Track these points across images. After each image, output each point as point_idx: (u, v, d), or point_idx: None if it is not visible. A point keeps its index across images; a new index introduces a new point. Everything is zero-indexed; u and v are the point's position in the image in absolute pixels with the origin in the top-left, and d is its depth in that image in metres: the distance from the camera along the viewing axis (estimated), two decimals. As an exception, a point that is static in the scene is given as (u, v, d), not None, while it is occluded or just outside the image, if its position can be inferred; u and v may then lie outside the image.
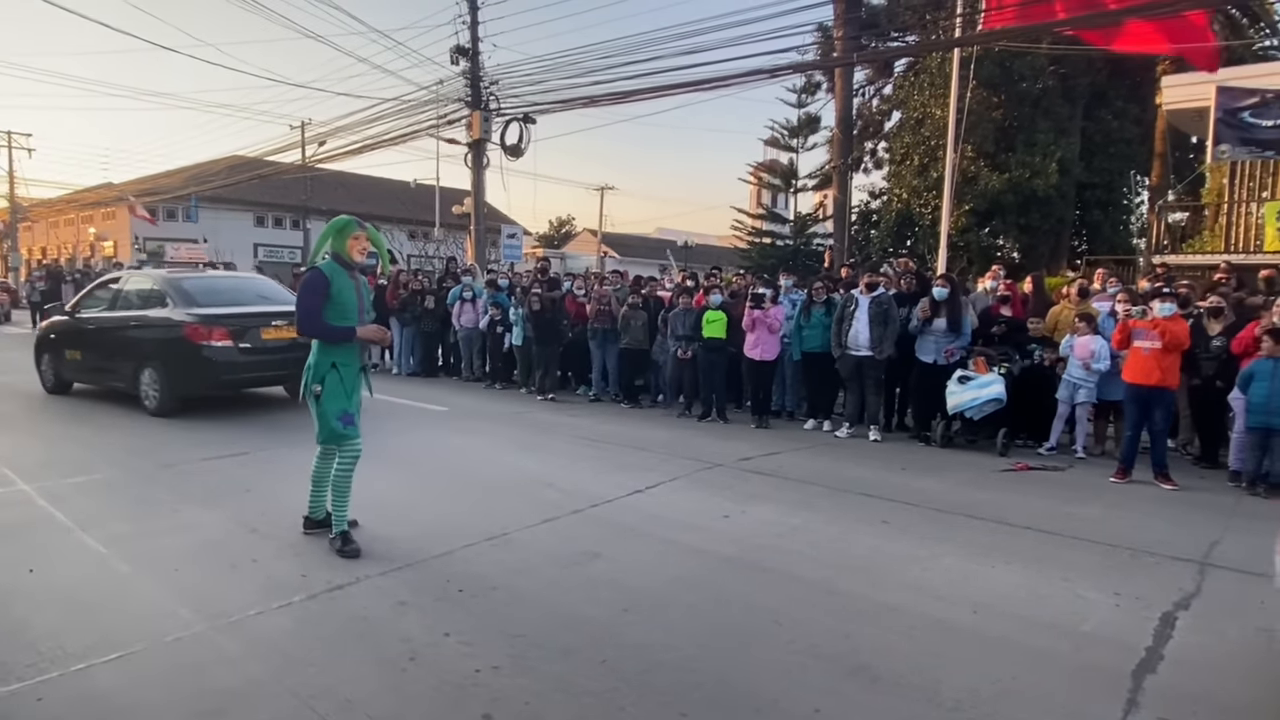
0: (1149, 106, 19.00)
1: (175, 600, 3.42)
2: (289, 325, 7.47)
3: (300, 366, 4.18)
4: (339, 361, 4.08)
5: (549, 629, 3.22)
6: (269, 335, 7.84)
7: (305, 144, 24.00)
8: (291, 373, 6.97)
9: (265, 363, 7.89)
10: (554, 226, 61.16)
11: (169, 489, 5.23)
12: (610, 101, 13.55)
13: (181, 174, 31.26)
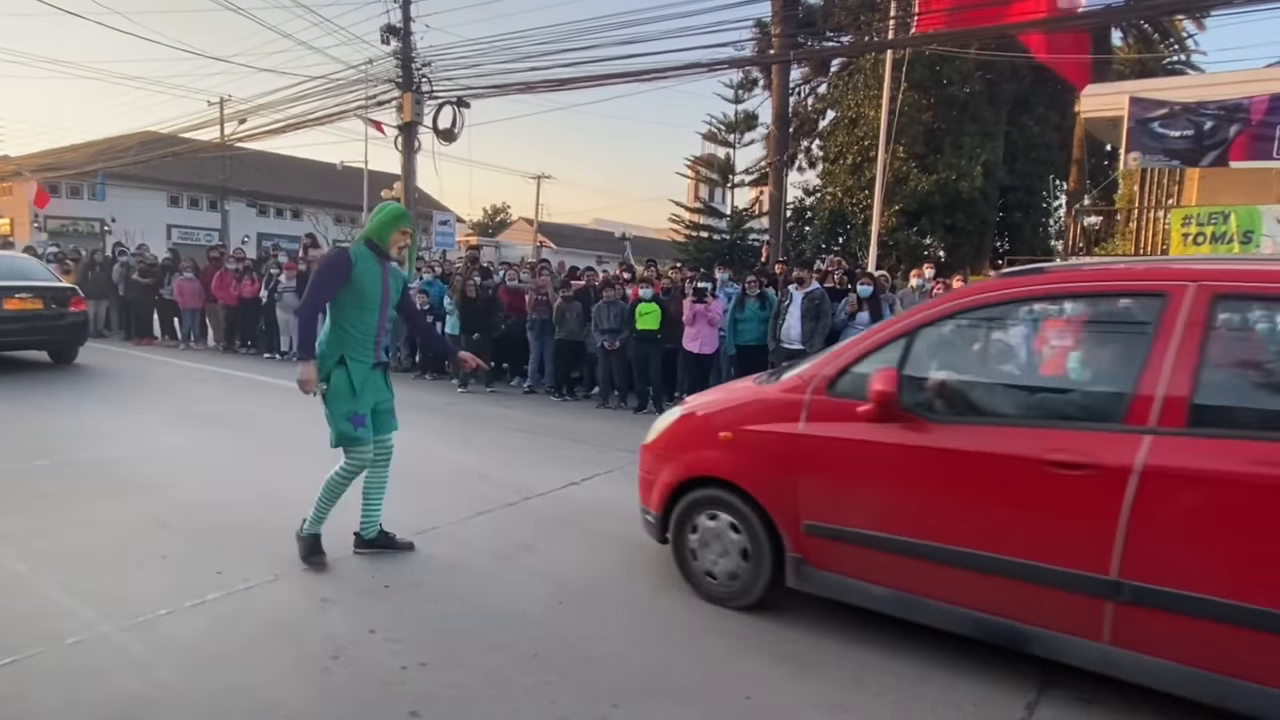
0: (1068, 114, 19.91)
1: (76, 600, 3.21)
2: (33, 298, 9.11)
3: (45, 334, 3.89)
4: (350, 355, 3.58)
5: (479, 624, 3.16)
6: (11, 306, 9.02)
7: (224, 121, 22.92)
8: (39, 339, 9.44)
9: (6, 330, 9.09)
10: (489, 214, 60.16)
11: (70, 484, 4.91)
12: (547, 88, 13.38)
13: (88, 149, 29.36)
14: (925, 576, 2.90)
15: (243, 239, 27.63)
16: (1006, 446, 2.70)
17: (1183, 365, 2.46)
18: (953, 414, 2.90)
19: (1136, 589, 2.46)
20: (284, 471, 5.34)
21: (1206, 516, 2.37)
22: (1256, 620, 2.28)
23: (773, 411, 3.27)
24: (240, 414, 7.44)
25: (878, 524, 2.98)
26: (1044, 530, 2.61)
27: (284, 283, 11.72)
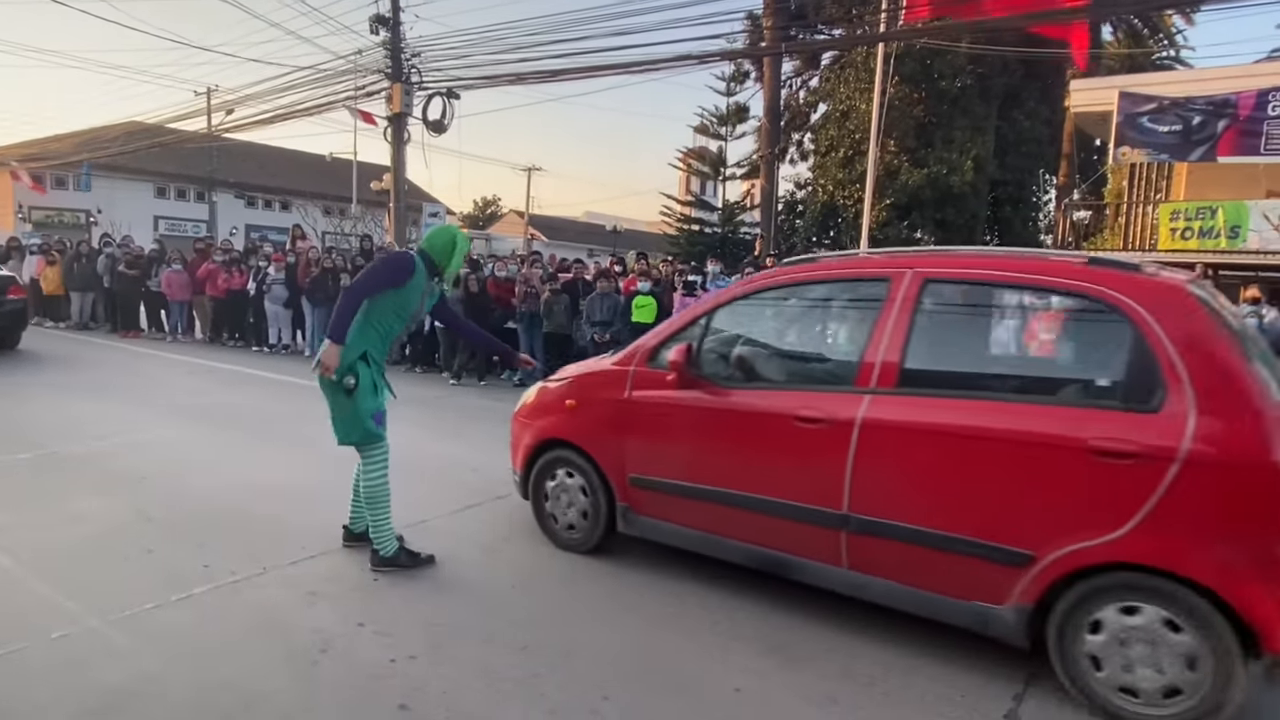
0: (1058, 108, 19.97)
1: (62, 594, 3.18)
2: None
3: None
4: (372, 353, 3.51)
5: (469, 616, 3.15)
6: None
7: (211, 111, 22.69)
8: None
9: None
10: (479, 207, 59.90)
11: (57, 477, 4.87)
12: (538, 80, 13.31)
13: (72, 139, 28.98)
14: (719, 517, 3.40)
15: (231, 230, 27.40)
16: (770, 406, 3.22)
17: (896, 337, 2.97)
18: (734, 380, 3.38)
19: (861, 520, 2.97)
20: (272, 465, 5.31)
21: (908, 460, 2.88)
22: (947, 544, 2.79)
23: (607, 382, 3.76)
24: (228, 407, 7.39)
25: (682, 474, 3.49)
26: (796, 474, 3.13)
27: (272, 275, 11.64)
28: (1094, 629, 2.58)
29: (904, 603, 2.98)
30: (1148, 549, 2.46)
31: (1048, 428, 2.63)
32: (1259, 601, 2.34)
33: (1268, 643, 2.34)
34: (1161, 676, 2.47)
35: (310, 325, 11.49)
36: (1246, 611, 2.34)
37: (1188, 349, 2.50)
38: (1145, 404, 2.51)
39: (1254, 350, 2.71)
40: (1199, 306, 2.63)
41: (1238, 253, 12.12)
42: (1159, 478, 2.43)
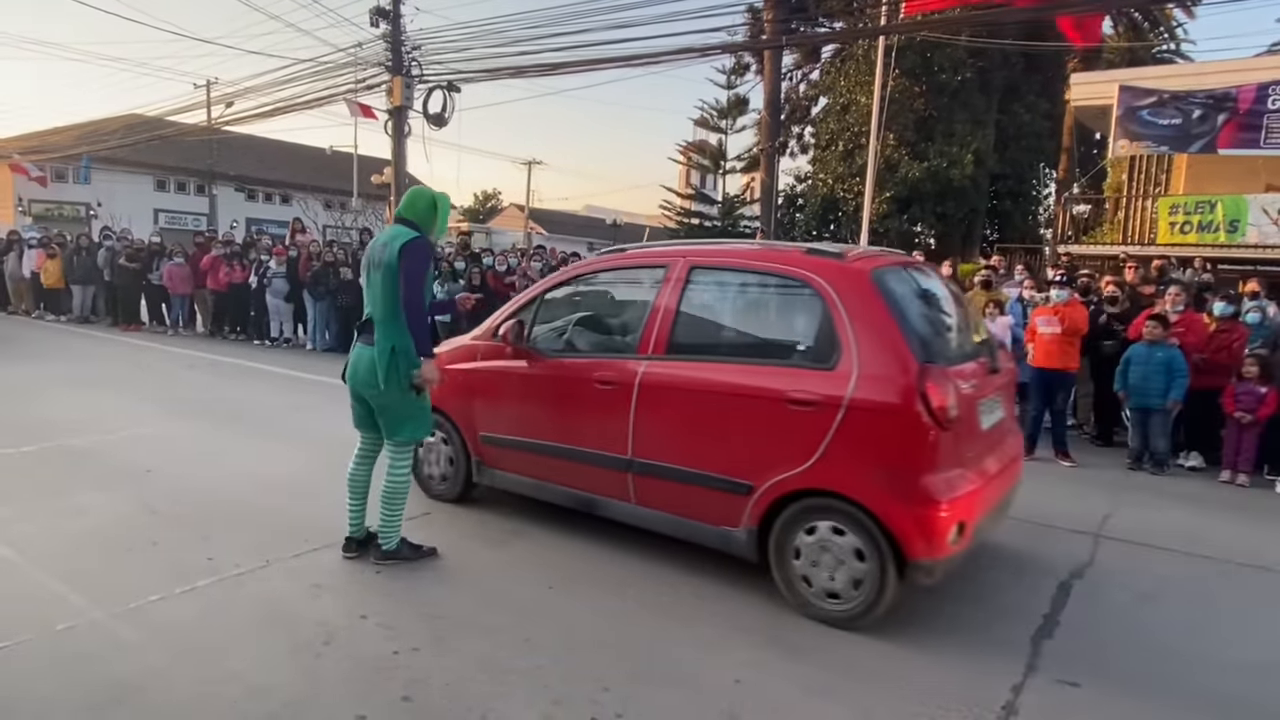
0: (1059, 102, 19.92)
1: (66, 587, 3.20)
2: None
3: None
4: (396, 345, 3.43)
5: (471, 608, 3.18)
6: None
7: (211, 104, 22.64)
8: None
9: None
10: (479, 200, 59.77)
11: (60, 469, 4.89)
12: (538, 73, 13.28)
13: (72, 132, 28.91)
14: (544, 466, 4.03)
15: (231, 224, 27.33)
16: (577, 372, 3.85)
17: (668, 314, 3.61)
18: (553, 351, 4.02)
19: (641, 464, 3.61)
20: (274, 458, 5.33)
21: (669, 412, 3.52)
22: (699, 479, 3.43)
23: (462, 356, 4.38)
24: (230, 400, 7.41)
25: (516, 431, 4.13)
26: (596, 428, 3.75)
27: (273, 268, 11.64)
28: (797, 552, 3.23)
29: (675, 530, 3.61)
30: (825, 477, 3.12)
31: (762, 383, 3.28)
32: (900, 516, 2.99)
33: (908, 550, 2.97)
34: (845, 579, 3.12)
35: (311, 318, 11.49)
36: (891, 524, 2.99)
37: (857, 319, 3.13)
38: (826, 363, 3.16)
39: (924, 322, 3.36)
40: (874, 286, 3.22)
41: (1237, 247, 12.12)
42: (830, 421, 3.08)
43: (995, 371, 3.66)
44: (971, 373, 3.36)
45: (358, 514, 3.64)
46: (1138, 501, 5.28)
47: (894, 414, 2.98)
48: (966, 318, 3.82)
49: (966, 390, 3.21)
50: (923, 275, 3.75)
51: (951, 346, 3.47)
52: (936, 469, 3.01)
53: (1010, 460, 3.67)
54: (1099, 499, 5.28)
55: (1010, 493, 3.71)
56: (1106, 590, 3.69)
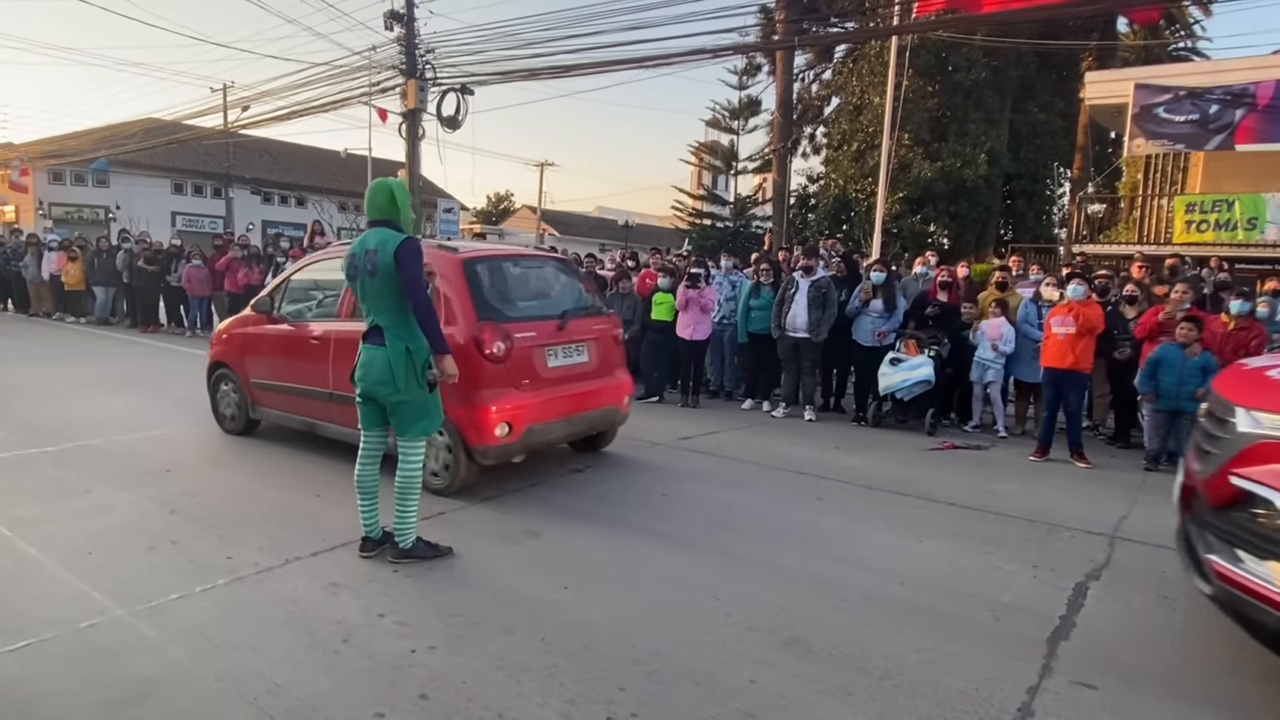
0: (1073, 101, 19.79)
1: (89, 585, 3.26)
2: None
3: None
4: (424, 342, 3.55)
5: (488, 608, 3.20)
6: None
7: (228, 108, 22.88)
8: None
9: None
10: (492, 202, 60.02)
11: (82, 469, 4.96)
12: (551, 75, 13.32)
13: (91, 136, 29.32)
14: (288, 402, 5.50)
15: (247, 226, 27.62)
16: (302, 332, 5.33)
17: (349, 290, 4.70)
18: (291, 318, 5.51)
19: (333, 394, 5.04)
20: (293, 457, 5.38)
21: (348, 357, 4.09)
22: (340, 399, 4.94)
23: (239, 322, 6.03)
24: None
25: (270, 377, 5.61)
26: (313, 372, 5.20)
27: (288, 270, 11.72)
28: None
29: (348, 437, 4.87)
30: None
31: None
32: (461, 417, 4.48)
33: (467, 440, 4.52)
34: (439, 463, 4.67)
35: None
36: (458, 423, 4.49)
37: (449, 292, 4.61)
38: (450, 324, 4.45)
39: (495, 295, 4.82)
40: (461, 271, 4.69)
41: (1255, 245, 11.98)
42: None
43: (563, 329, 5.02)
44: (534, 328, 4.84)
45: (370, 513, 3.67)
46: (1155, 502, 5.23)
47: (461, 351, 4.13)
48: (555, 292, 5.42)
49: (523, 339, 4.71)
50: (516, 264, 5.33)
51: (517, 311, 4.89)
52: (487, 387, 4.51)
53: (592, 391, 5.21)
54: (1116, 500, 5.24)
55: (592, 414, 5.27)
56: (1124, 592, 3.66)
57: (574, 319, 5.15)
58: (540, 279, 5.47)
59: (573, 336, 5.12)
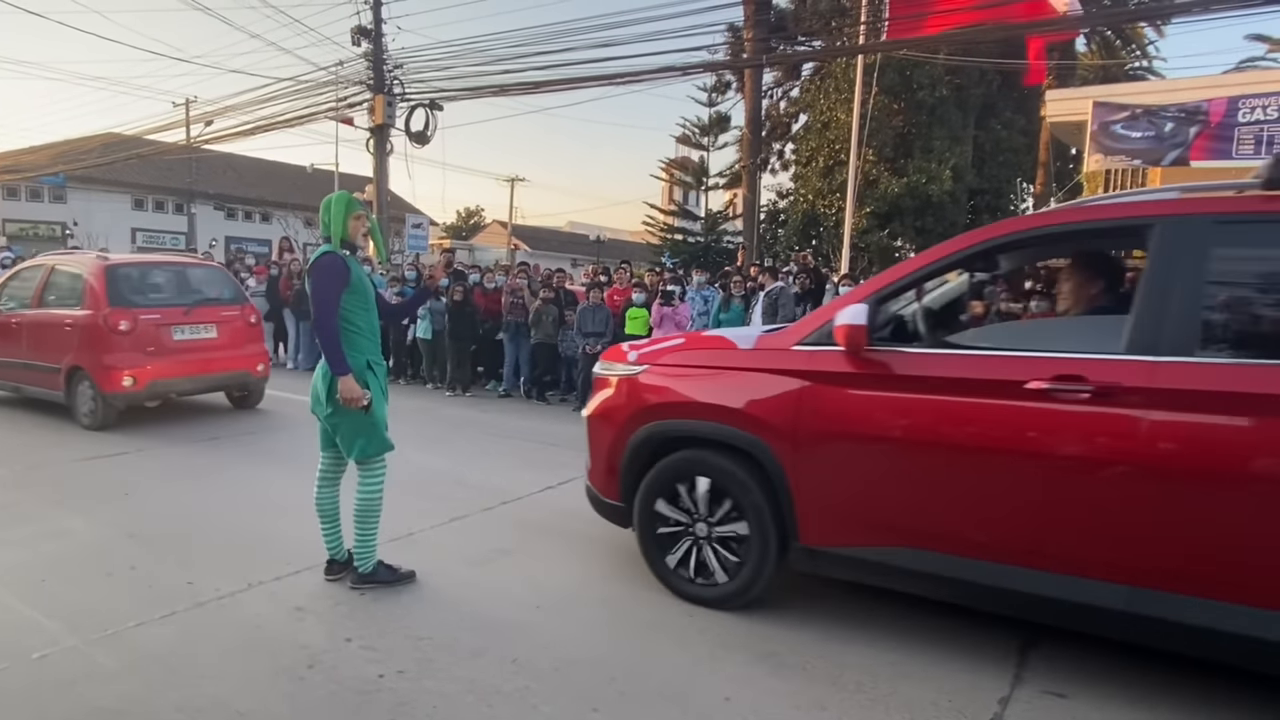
0: (1035, 118, 20.29)
1: (42, 613, 3.14)
2: None
3: None
4: (373, 360, 3.46)
5: (457, 630, 3.14)
6: None
7: (190, 123, 22.53)
8: None
9: None
10: (462, 217, 59.73)
11: (35, 493, 4.80)
12: (521, 91, 13.35)
13: (49, 151, 28.68)
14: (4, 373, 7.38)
15: (210, 242, 27.14)
16: (8, 319, 7.27)
17: (101, 286, 6.68)
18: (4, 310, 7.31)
19: (28, 364, 7.01)
20: (255, 479, 5.27)
21: (34, 335, 7.11)
22: (38, 369, 7.16)
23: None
24: (209, 421, 7.32)
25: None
26: (14, 348, 7.21)
27: (254, 287, 11.55)
28: None
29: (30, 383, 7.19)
30: (76, 360, 6.71)
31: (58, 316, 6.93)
32: (99, 374, 6.50)
33: (103, 389, 6.49)
34: (88, 407, 6.61)
35: (293, 338, 11.40)
36: (92, 375, 6.51)
37: (95, 287, 6.56)
38: (80, 305, 6.68)
39: (129, 288, 6.79)
40: (104, 271, 6.64)
41: None
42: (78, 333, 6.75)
43: (189, 314, 6.97)
44: (160, 313, 6.80)
45: (333, 536, 3.57)
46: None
47: (98, 328, 6.40)
48: (190, 288, 7.26)
49: (148, 319, 6.67)
50: (159, 269, 7.35)
51: (148, 300, 6.82)
52: (117, 352, 6.48)
53: (218, 359, 7.19)
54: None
55: (219, 375, 7.30)
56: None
57: (204, 307, 7.16)
58: (179, 279, 7.34)
59: (200, 319, 7.09)
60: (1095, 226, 2.99)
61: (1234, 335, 2.53)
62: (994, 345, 2.99)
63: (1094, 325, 3.06)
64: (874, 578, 3.10)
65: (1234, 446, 2.41)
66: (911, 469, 2.89)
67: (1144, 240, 2.72)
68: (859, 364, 2.98)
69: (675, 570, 3.48)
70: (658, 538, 3.50)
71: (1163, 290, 2.57)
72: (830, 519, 3.08)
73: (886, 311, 3.24)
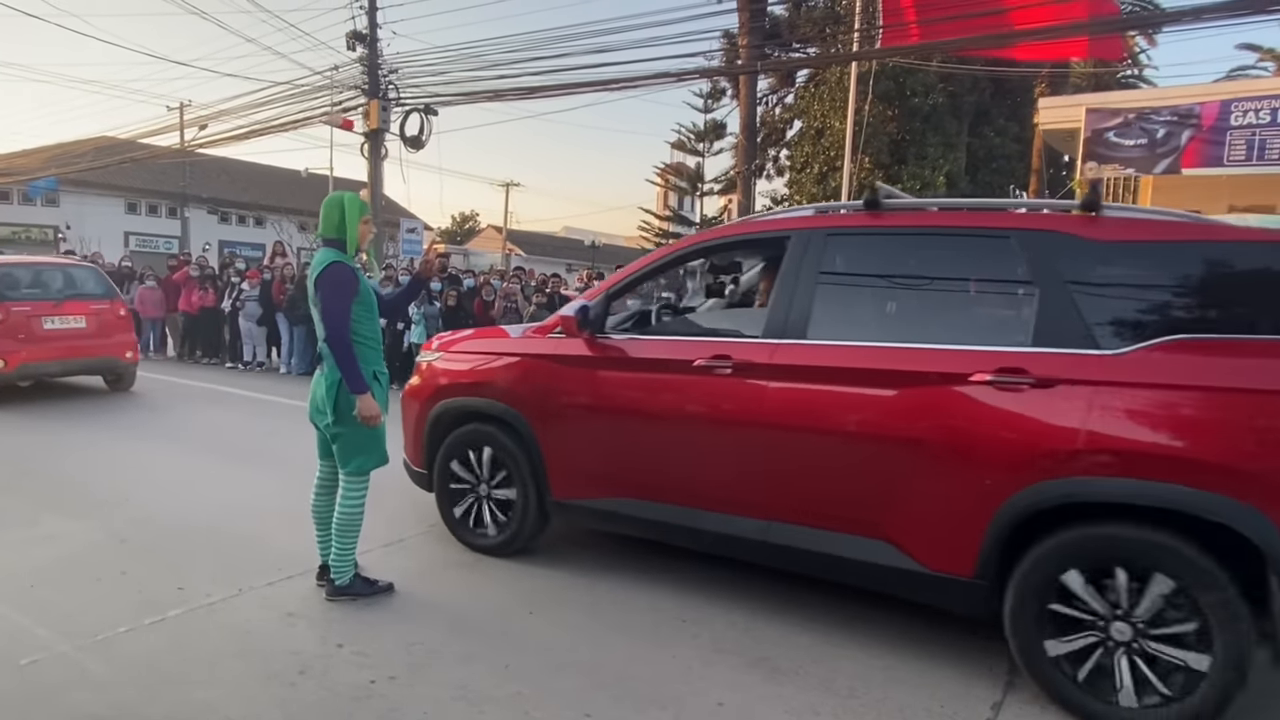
0: (1028, 125, 20.38)
1: (31, 619, 3.11)
2: None
3: None
4: (379, 371, 3.39)
5: (448, 636, 3.13)
6: None
7: (184, 127, 22.48)
8: None
9: None
10: (457, 222, 59.70)
11: (27, 498, 4.77)
12: (516, 97, 13.36)
13: (41, 154, 28.52)
14: None
15: (204, 246, 27.06)
16: None
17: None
18: None
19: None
20: (246, 484, 5.24)
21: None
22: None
23: None
24: (202, 425, 7.29)
25: None
26: None
27: (247, 291, 11.52)
28: None
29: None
30: None
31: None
32: None
33: None
34: None
35: (286, 342, 11.37)
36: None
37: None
38: None
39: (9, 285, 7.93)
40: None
41: None
42: None
43: (58, 307, 8.08)
44: (30, 306, 7.85)
45: (327, 542, 3.52)
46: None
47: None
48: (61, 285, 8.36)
49: (19, 310, 7.70)
50: (32, 269, 8.43)
51: (20, 294, 7.88)
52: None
53: (88, 346, 8.30)
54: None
55: (88, 360, 8.42)
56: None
57: (74, 301, 8.26)
58: (51, 278, 8.47)
59: (70, 311, 8.19)
60: (755, 237, 3.73)
61: (834, 322, 3.15)
62: (680, 332, 3.81)
63: (750, 315, 3.75)
64: (608, 525, 3.75)
65: (828, 409, 3.01)
66: (621, 433, 3.51)
67: (783, 248, 3.35)
68: (585, 348, 3.59)
69: (460, 520, 4.09)
70: (450, 492, 4.09)
71: (789, 287, 3.22)
72: (570, 477, 3.67)
73: (625, 305, 4.03)
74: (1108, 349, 2.59)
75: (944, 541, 2.80)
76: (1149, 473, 2.44)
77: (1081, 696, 2.60)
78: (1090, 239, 2.78)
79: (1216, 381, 2.45)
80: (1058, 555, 2.59)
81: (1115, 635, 2.53)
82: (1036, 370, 2.65)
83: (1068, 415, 2.57)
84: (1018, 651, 2.72)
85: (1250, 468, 2.34)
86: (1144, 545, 2.47)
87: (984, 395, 2.72)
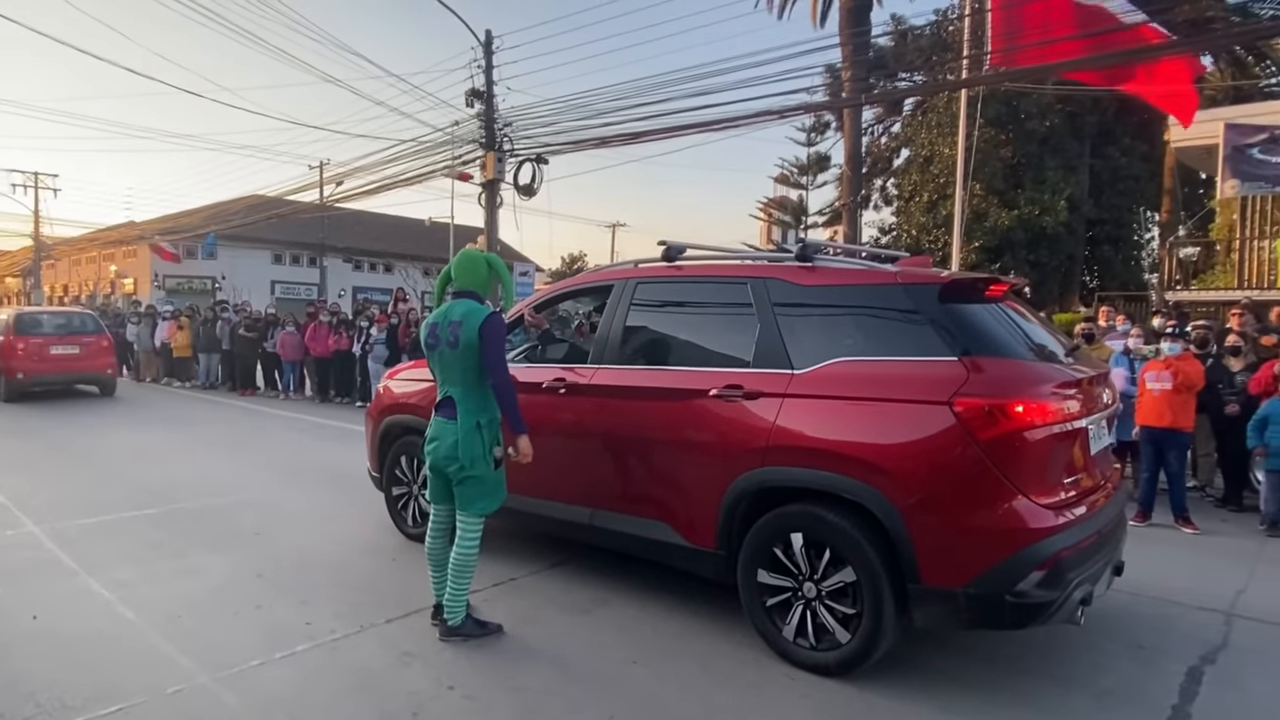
0: (1157, 143, 19.07)
1: (177, 650, 3.39)
2: None
3: None
4: (496, 417, 3.56)
5: (555, 682, 3.17)
6: None
7: (323, 184, 24.42)
8: None
9: None
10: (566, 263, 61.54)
11: (178, 532, 5.22)
12: (621, 142, 13.72)
13: (201, 213, 31.76)
14: None
15: (339, 292, 29.11)
16: None
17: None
18: None
19: None
20: (373, 521, 5.52)
21: None
22: None
23: None
24: (334, 463, 7.75)
25: None
26: None
27: (375, 335, 12.25)
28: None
29: None
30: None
31: None
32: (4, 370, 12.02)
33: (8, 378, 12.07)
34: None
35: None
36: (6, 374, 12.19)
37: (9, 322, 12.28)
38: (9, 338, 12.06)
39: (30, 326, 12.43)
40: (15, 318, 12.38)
41: None
42: None
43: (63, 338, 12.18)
44: (47, 339, 12.04)
45: (442, 583, 3.63)
46: (1275, 574, 4.80)
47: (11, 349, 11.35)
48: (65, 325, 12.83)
49: (36, 342, 11.96)
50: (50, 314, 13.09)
51: (42, 332, 11.98)
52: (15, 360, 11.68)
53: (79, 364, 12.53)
54: (1230, 571, 4.83)
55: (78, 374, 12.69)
56: (1244, 678, 3.34)
57: (72, 336, 12.46)
58: (59, 320, 13.03)
59: (69, 342, 12.39)
60: (595, 286, 4.64)
61: (633, 352, 4.05)
62: (544, 360, 4.61)
63: (590, 345, 4.32)
64: (517, 518, 4.37)
65: (624, 419, 3.88)
66: None
67: (609, 294, 4.24)
68: None
69: (400, 512, 5.04)
70: (393, 497, 5.08)
71: (607, 324, 4.14)
72: None
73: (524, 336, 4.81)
74: (798, 368, 3.36)
75: (696, 520, 3.60)
76: (813, 464, 3.22)
77: (782, 640, 3.36)
78: (797, 284, 3.55)
79: (858, 393, 3.18)
80: (767, 531, 3.35)
81: (805, 593, 3.28)
82: (748, 385, 3.47)
83: (764, 420, 3.36)
84: (746, 607, 3.46)
85: (878, 460, 3.05)
86: (815, 521, 3.22)
87: (715, 406, 3.56)
